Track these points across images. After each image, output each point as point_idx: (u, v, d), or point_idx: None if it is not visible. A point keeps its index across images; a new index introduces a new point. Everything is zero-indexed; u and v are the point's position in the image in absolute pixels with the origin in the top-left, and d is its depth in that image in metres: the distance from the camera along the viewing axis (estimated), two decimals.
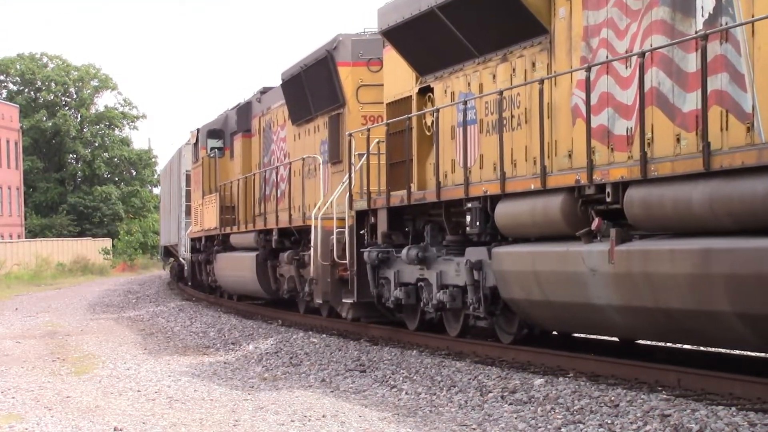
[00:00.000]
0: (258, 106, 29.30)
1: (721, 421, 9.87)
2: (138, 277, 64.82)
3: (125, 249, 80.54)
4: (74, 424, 11.52)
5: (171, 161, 50.00)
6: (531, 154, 14.36)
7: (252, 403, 12.90)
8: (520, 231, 14.42)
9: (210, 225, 33.35)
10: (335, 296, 20.88)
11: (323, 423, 11.27)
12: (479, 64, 15.84)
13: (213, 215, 32.75)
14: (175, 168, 46.24)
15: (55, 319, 29.69)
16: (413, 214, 18.06)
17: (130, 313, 31.96)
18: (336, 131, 21.96)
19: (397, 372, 14.95)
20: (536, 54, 14.42)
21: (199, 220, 35.83)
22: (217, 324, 25.19)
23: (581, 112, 13.21)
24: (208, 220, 33.77)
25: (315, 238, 21.26)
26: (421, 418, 11.49)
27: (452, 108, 16.50)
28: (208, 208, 33.84)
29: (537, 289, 13.87)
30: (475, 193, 15.36)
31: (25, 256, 70.54)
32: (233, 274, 29.65)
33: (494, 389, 12.78)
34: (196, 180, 37.24)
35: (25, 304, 37.94)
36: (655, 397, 11.26)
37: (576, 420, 10.63)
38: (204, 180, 34.84)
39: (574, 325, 14.49)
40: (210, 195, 33.75)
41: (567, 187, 13.29)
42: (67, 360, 18.60)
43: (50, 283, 58.45)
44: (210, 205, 33.57)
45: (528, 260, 14.03)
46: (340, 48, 21.57)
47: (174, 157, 48.11)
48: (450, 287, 16.35)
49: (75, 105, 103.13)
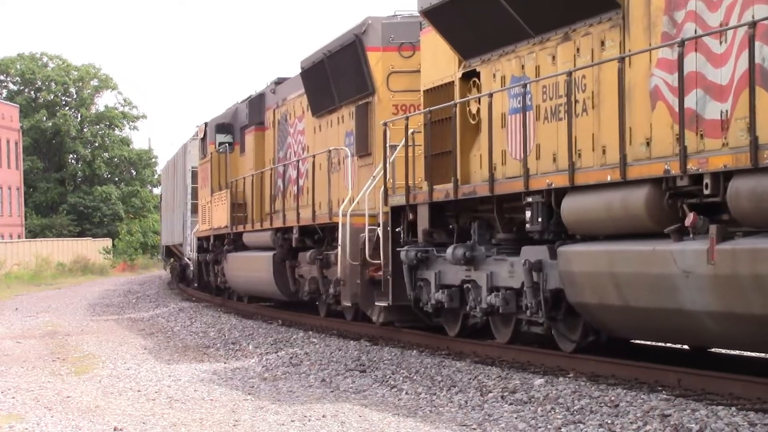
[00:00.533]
0: (272, 98, 27.77)
1: (721, 421, 9.85)
2: (138, 277, 64.83)
3: (125, 249, 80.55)
4: (74, 424, 11.51)
5: (175, 157, 48.19)
6: (599, 142, 12.93)
7: (252, 403, 12.89)
8: (593, 228, 12.92)
9: (220, 223, 31.72)
10: (365, 299, 19.49)
11: (323, 423, 11.26)
12: (535, 45, 14.40)
13: (223, 213, 31.18)
14: (180, 164, 44.47)
15: (55, 319, 29.63)
16: (457, 211, 16.62)
17: (130, 312, 31.92)
18: (364, 122, 20.49)
19: (397, 372, 14.93)
20: (606, 32, 12.93)
21: (208, 219, 34.07)
22: (217, 324, 25.16)
23: (662, 95, 11.80)
24: (218, 218, 32.14)
25: (343, 236, 19.83)
26: (421, 418, 11.48)
27: (502, 94, 15.05)
28: (218, 206, 32.23)
29: (614, 292, 12.39)
30: (536, 187, 13.84)
31: (25, 256, 70.58)
32: (246, 275, 28.16)
33: (494, 389, 12.76)
34: (203, 176, 35.50)
35: (25, 304, 37.85)
36: (655, 397, 11.25)
37: (576, 420, 10.62)
38: (213, 176, 33.26)
39: (658, 333, 12.92)
40: (220, 192, 32.18)
41: (652, 178, 11.74)
42: (67, 360, 18.58)
43: (50, 283, 58.51)
44: (220, 203, 31.97)
45: (603, 260, 12.55)
46: (370, 32, 20.10)
47: (178, 153, 46.31)
48: (502, 290, 14.92)
49: (75, 105, 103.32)
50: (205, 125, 34.36)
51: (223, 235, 31.45)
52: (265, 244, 26.32)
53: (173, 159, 49.20)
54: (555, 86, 13.85)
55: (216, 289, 33.99)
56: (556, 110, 13.81)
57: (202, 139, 35.16)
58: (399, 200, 17.69)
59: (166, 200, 52.60)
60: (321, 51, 22.24)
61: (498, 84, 15.26)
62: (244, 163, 30.11)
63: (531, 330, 14.82)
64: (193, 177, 40.07)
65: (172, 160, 50.27)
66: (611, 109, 12.59)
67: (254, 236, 27.68)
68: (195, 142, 38.52)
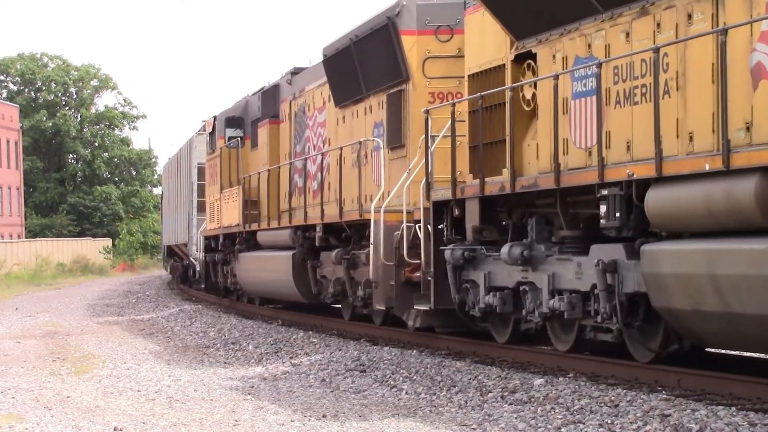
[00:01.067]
0: (288, 89, 26.09)
1: (721, 421, 9.84)
2: (138, 277, 64.95)
3: (126, 249, 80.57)
4: (74, 424, 11.51)
5: (179, 153, 46.18)
6: (685, 128, 11.50)
7: (252, 403, 12.89)
8: (685, 223, 11.39)
9: (231, 221, 29.92)
10: (401, 302, 17.98)
11: (323, 423, 11.26)
12: (605, 22, 12.97)
13: (235, 210, 29.34)
14: (185, 160, 42.45)
15: (55, 319, 29.60)
16: (509, 206, 15.19)
17: (130, 312, 31.91)
18: (397, 111, 18.92)
19: (397, 372, 14.92)
20: (693, 3, 11.50)
21: (217, 217, 32.24)
22: (217, 324, 25.15)
23: (767, 73, 10.42)
24: (229, 216, 30.28)
25: (376, 234, 18.26)
26: (421, 418, 11.48)
27: (564, 77, 13.62)
28: (228, 203, 30.45)
29: (714, 297, 10.90)
30: (613, 178, 12.36)
31: (25, 256, 70.72)
32: (261, 276, 26.56)
33: (494, 389, 12.76)
34: (211, 172, 33.46)
35: (25, 304, 37.83)
36: (655, 397, 11.24)
37: (576, 420, 10.61)
38: (222, 172, 31.25)
39: None
40: (230, 188, 30.30)
41: (763, 166, 10.30)
42: (67, 360, 18.58)
43: (50, 283, 58.66)
44: (231, 200, 30.16)
45: (700, 261, 11.03)
46: (404, 14, 18.51)
47: (183, 148, 44.32)
48: (566, 293, 13.44)
49: (75, 105, 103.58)
50: (214, 119, 32.53)
51: (234, 234, 29.75)
52: (283, 244, 24.80)
53: (177, 155, 47.32)
54: (629, 67, 12.44)
55: (224, 291, 32.41)
56: (631, 93, 12.40)
57: (211, 133, 33.34)
58: (444, 194, 16.20)
59: (169, 198, 50.92)
60: (347, 36, 20.76)
61: (559, 66, 13.81)
62: (257, 158, 28.38)
63: (598, 338, 13.35)
64: (200, 173, 38.32)
65: (175, 157, 48.40)
66: (700, 91, 11.23)
67: (270, 235, 26.10)
68: (201, 137, 36.76)
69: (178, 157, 46.69)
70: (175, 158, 48.60)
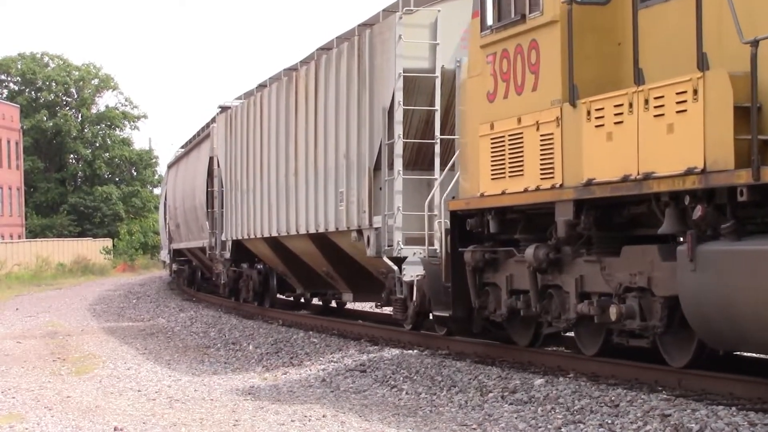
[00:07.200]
0: None
1: (721, 421, 9.82)
2: (138, 278, 65.02)
3: (126, 249, 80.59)
4: (74, 424, 11.51)
5: (202, 139, 35.42)
6: None
7: (252, 403, 12.89)
8: None
9: (533, 183, 13.30)
10: None
11: (323, 423, 11.25)
12: None
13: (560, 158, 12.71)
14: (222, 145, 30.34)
15: (56, 319, 29.63)
16: None
17: (130, 313, 31.91)
18: None
19: (398, 372, 14.91)
20: None
21: (486, 173, 14.16)
22: (218, 324, 25.15)
23: None
24: (531, 170, 13.20)
25: None
26: (422, 418, 11.47)
27: None
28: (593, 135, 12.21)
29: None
30: None
31: (26, 257, 70.86)
32: None
33: (494, 389, 12.74)
34: (482, 85, 14.21)
35: (26, 304, 37.87)
36: (655, 397, 11.22)
37: (576, 420, 10.60)
38: (563, 59, 12.50)
39: None
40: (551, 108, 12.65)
41: None
42: (67, 360, 18.59)
43: (50, 283, 58.79)
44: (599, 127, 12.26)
45: None
46: None
47: (216, 130, 31.60)
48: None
49: (76, 105, 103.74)
50: None
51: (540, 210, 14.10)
52: None
53: (201, 141, 36.74)
54: None
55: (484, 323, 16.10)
56: None
57: None
58: None
59: (182, 195, 40.42)
60: None
61: None
62: None
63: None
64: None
65: (196, 144, 38.22)
66: None
67: None
68: None
69: (202, 144, 36.31)
70: (196, 146, 38.12)
